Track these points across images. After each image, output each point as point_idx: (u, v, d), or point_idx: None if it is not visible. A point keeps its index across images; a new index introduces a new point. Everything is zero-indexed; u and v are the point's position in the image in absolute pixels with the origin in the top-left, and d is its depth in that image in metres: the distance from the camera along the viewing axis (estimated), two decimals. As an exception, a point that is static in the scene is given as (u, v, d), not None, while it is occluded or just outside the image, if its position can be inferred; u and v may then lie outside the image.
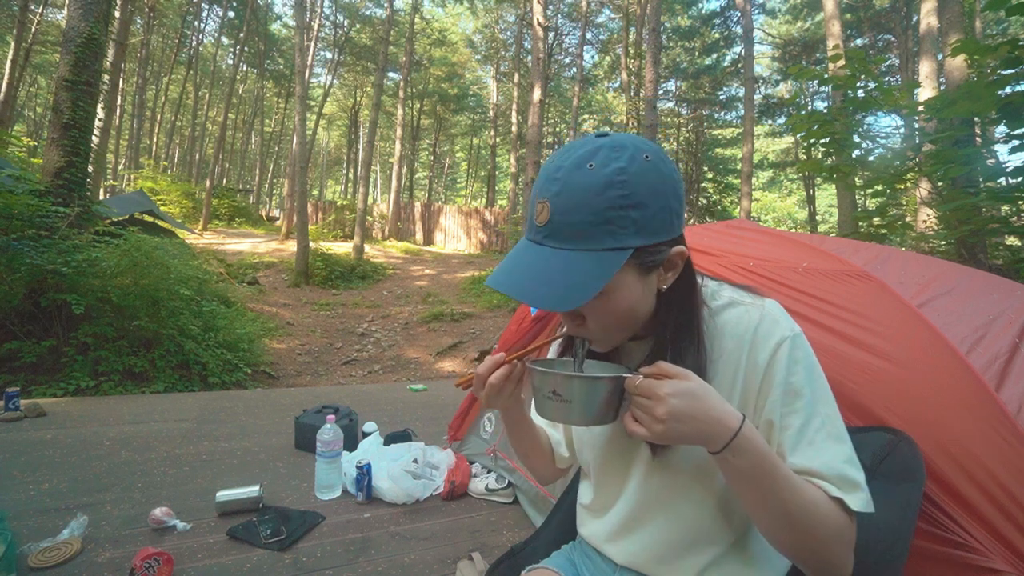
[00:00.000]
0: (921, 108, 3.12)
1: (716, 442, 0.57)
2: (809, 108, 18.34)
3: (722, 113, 21.84)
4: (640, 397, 0.59)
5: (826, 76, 4.04)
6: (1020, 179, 2.65)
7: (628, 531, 0.76)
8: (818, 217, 23.06)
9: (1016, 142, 2.43)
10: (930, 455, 0.89)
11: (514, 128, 18.77)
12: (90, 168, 5.18)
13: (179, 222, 11.43)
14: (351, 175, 29.62)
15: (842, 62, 3.54)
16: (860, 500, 0.60)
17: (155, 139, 23.78)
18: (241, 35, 19.45)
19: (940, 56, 7.99)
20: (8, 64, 12.22)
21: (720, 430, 0.56)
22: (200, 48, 23.67)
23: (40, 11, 14.38)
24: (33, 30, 13.78)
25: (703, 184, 20.62)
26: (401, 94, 18.55)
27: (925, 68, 7.51)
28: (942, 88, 6.74)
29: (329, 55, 23.38)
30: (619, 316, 0.65)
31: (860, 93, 3.52)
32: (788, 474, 0.58)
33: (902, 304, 1.13)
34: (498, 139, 25.87)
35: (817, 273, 1.29)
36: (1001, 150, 3.19)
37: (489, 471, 2.38)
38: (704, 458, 0.63)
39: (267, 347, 6.54)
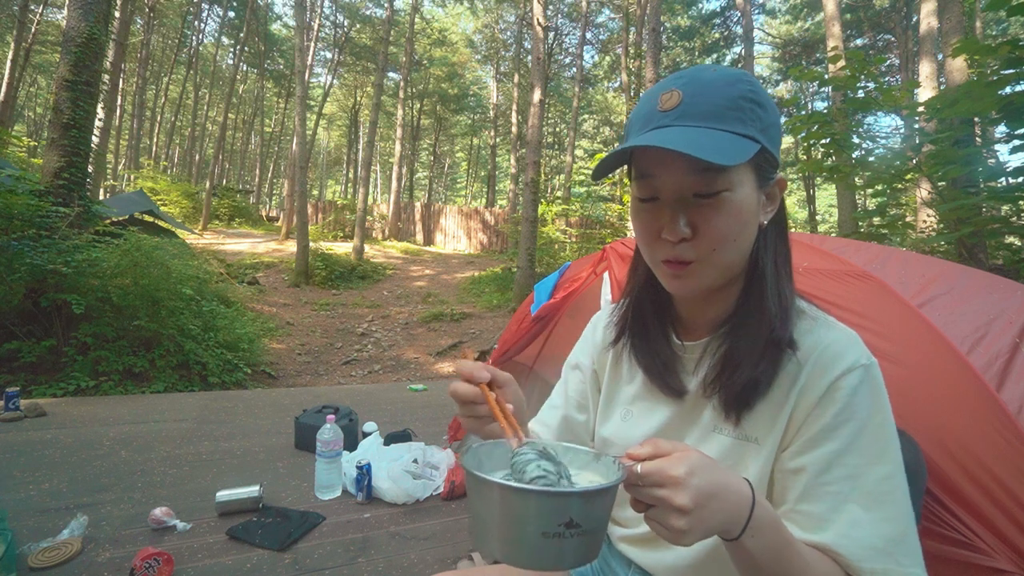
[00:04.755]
0: (921, 108, 3.12)
1: (738, 521, 0.47)
2: (809, 108, 18.36)
3: (722, 113, 21.80)
4: (650, 488, 0.45)
5: (826, 77, 4.05)
6: (1020, 179, 2.65)
7: (662, 542, 0.68)
8: (818, 217, 23.08)
9: (1017, 142, 2.43)
10: (931, 454, 0.89)
11: (514, 128, 18.75)
12: (90, 168, 5.18)
13: (179, 222, 11.41)
14: (351, 175, 29.62)
15: (842, 63, 3.54)
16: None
17: (155, 139, 23.78)
18: (241, 35, 19.44)
19: (940, 57, 7.99)
20: (8, 64, 12.22)
21: (740, 503, 0.47)
22: (200, 48, 23.67)
23: (40, 11, 14.39)
24: (33, 30, 13.78)
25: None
26: (401, 94, 18.54)
27: (925, 69, 7.52)
28: (942, 89, 6.74)
29: (329, 55, 23.39)
30: (733, 229, 0.57)
31: (860, 93, 3.52)
32: (798, 545, 0.51)
33: (903, 304, 1.13)
34: (498, 139, 25.87)
35: (818, 273, 1.29)
36: (1001, 150, 3.19)
37: (489, 471, 2.38)
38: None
39: (267, 347, 6.54)
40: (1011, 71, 2.39)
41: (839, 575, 0.52)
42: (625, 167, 0.65)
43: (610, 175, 0.71)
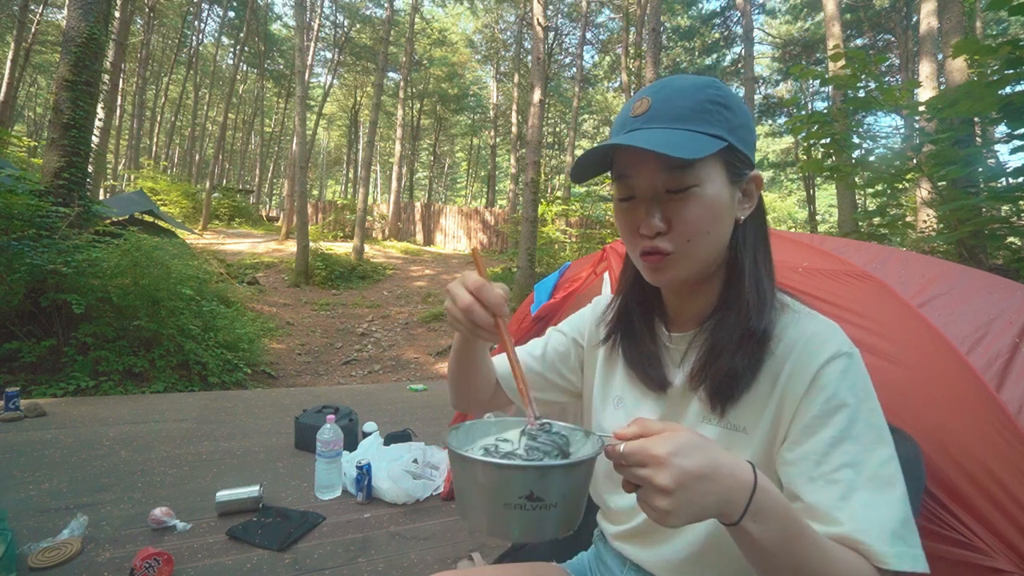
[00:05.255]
0: (922, 108, 3.12)
1: (735, 505, 0.45)
2: (809, 108, 18.35)
3: (722, 113, 21.81)
4: (634, 467, 0.45)
5: (827, 76, 4.04)
6: (1020, 179, 2.64)
7: (655, 537, 0.69)
8: (818, 217, 23.07)
9: (1017, 142, 2.43)
10: (931, 455, 0.89)
11: (514, 128, 18.75)
12: (90, 168, 5.18)
13: (179, 222, 11.41)
14: (351, 175, 29.62)
15: (842, 62, 3.54)
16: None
17: (155, 139, 23.78)
18: (241, 35, 19.45)
19: (940, 57, 7.99)
20: (8, 64, 12.22)
21: (737, 487, 0.45)
22: (200, 48, 23.67)
23: (40, 11, 14.39)
24: (33, 30, 13.78)
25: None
26: (401, 94, 18.54)
27: (925, 69, 7.51)
28: (942, 89, 6.75)
29: (329, 55, 23.38)
30: (705, 222, 0.60)
31: (861, 93, 3.52)
32: (814, 535, 0.49)
33: (903, 304, 1.13)
34: (498, 139, 25.87)
35: (817, 273, 1.29)
36: (1001, 150, 3.19)
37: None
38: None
39: (267, 347, 6.54)
40: (1011, 71, 2.39)
41: (864, 565, 0.50)
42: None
43: (611, 173, 0.72)
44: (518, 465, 0.46)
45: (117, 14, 8.27)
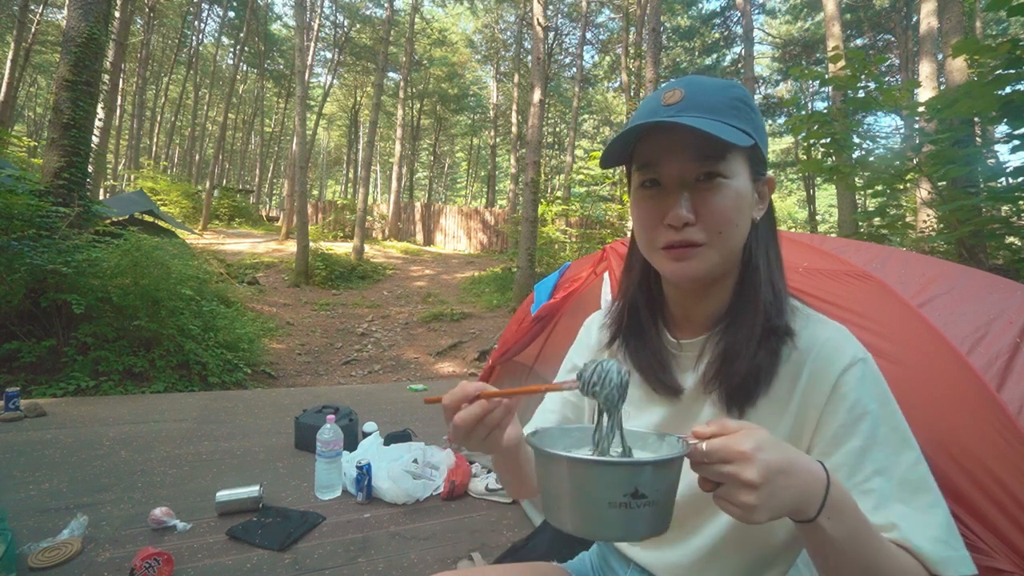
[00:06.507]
0: (921, 108, 3.12)
1: (812, 500, 0.46)
2: (809, 108, 18.34)
3: (722, 113, 21.79)
4: (717, 464, 0.45)
5: (827, 76, 4.04)
6: (1020, 179, 2.64)
7: (663, 540, 0.68)
8: (818, 217, 23.06)
9: (1016, 142, 2.42)
10: (931, 455, 0.88)
11: (514, 128, 18.74)
12: (90, 168, 5.19)
13: (179, 222, 11.40)
14: (351, 175, 29.62)
15: (842, 62, 3.54)
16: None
17: (155, 139, 23.78)
18: (241, 35, 19.44)
19: (940, 57, 7.99)
20: (8, 64, 12.23)
21: (813, 482, 0.46)
22: (200, 48, 23.67)
23: (40, 11, 14.39)
24: (33, 30, 13.78)
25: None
26: (401, 94, 18.54)
27: (925, 69, 7.51)
28: (942, 89, 6.74)
29: (329, 55, 23.39)
30: (734, 213, 0.59)
31: (860, 93, 3.52)
32: (880, 535, 0.50)
33: (903, 304, 1.13)
34: (498, 139, 25.86)
35: (817, 273, 1.29)
36: (1001, 150, 3.19)
37: (489, 471, 2.38)
38: None
39: (267, 347, 6.54)
40: (1011, 71, 2.38)
41: (920, 569, 0.51)
42: (623, 167, 0.66)
43: (612, 173, 0.70)
44: (628, 461, 0.47)
45: (117, 14, 8.28)
